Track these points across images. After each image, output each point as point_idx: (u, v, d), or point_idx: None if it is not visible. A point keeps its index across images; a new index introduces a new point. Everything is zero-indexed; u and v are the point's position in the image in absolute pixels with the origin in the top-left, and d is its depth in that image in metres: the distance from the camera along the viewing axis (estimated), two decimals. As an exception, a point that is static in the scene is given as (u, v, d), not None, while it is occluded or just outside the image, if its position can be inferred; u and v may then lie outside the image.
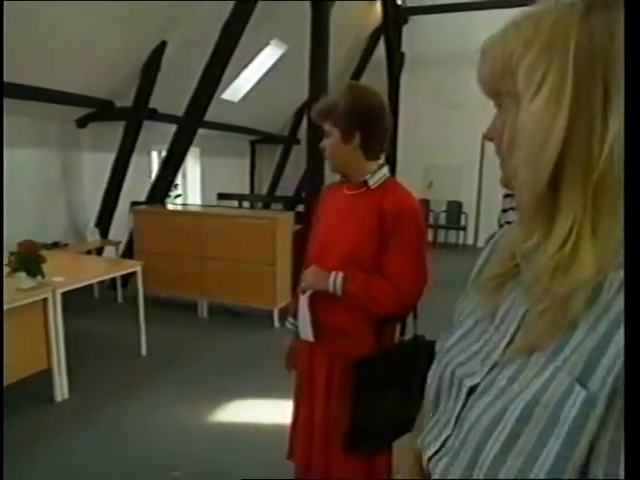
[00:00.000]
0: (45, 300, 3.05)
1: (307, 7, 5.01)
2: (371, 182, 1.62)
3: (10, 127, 4.93)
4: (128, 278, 5.26)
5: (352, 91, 1.60)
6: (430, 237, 8.97)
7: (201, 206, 7.08)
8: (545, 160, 0.53)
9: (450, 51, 8.41)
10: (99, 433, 2.86)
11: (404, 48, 8.92)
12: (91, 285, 5.15)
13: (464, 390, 0.63)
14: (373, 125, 1.60)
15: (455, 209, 9.31)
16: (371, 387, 1.55)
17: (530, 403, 0.52)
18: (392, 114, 1.72)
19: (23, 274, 2.97)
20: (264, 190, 10.08)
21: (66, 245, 5.17)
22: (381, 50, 8.62)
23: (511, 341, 0.60)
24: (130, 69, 5.31)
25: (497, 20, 0.67)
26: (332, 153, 1.63)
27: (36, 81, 4.65)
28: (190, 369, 3.75)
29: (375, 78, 8.57)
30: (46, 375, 3.13)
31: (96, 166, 5.87)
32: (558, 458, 0.49)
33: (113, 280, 5.34)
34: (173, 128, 5.71)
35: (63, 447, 2.70)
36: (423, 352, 1.54)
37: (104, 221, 5.74)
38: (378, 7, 7.99)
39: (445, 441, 0.65)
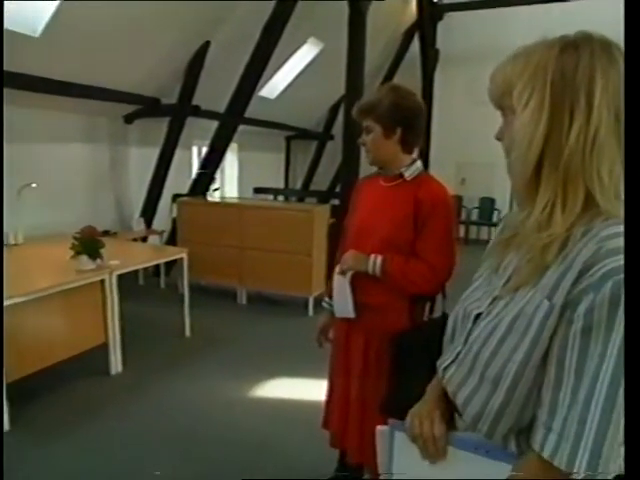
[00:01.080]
0: (103, 281, 3.33)
1: (344, 5, 5.17)
2: (407, 174, 1.79)
3: (63, 123, 5.29)
4: (171, 266, 5.58)
5: (395, 91, 1.77)
6: (462, 233, 9.04)
7: (241, 198, 7.34)
8: (530, 157, 0.76)
9: (484, 48, 8.42)
10: (149, 404, 3.12)
11: (439, 45, 8.99)
12: (136, 272, 5.48)
13: (471, 317, 0.88)
14: (412, 122, 1.78)
15: (488, 205, 9.34)
16: (407, 357, 1.70)
17: (515, 317, 0.79)
18: (426, 111, 1.90)
19: (85, 257, 3.25)
20: (298, 185, 10.31)
21: (115, 233, 5.50)
22: (416, 47, 8.71)
23: (507, 282, 0.84)
24: (175, 68, 5.60)
25: (530, 16, 0.93)
26: (373, 147, 1.79)
27: (87, 80, 4.97)
28: (230, 350, 3.99)
29: (409, 75, 8.69)
30: (102, 351, 3.41)
31: (142, 160, 6.21)
32: (528, 349, 0.75)
33: (157, 268, 5.66)
34: (214, 124, 5.99)
35: (117, 415, 2.97)
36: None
37: (149, 212, 6.06)
38: (413, 4, 8.10)
39: (457, 355, 0.90)
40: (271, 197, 8.00)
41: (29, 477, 2.39)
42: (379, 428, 1.03)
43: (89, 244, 3.27)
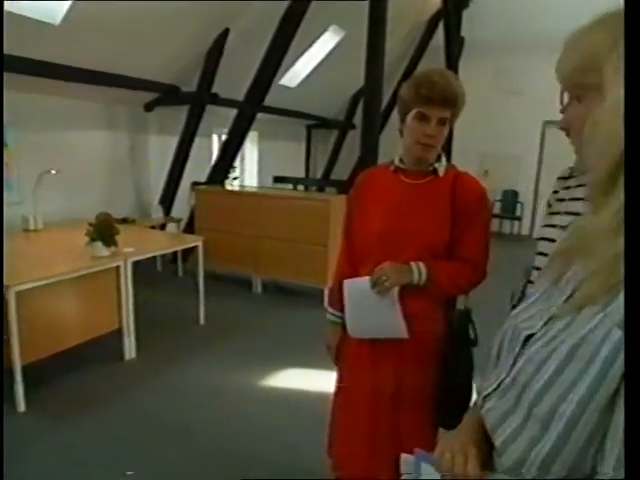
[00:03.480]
0: (118, 268, 3.36)
1: (366, -7, 5.09)
2: (440, 170, 1.63)
3: (83, 110, 5.35)
4: (188, 254, 5.62)
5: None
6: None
7: (258, 187, 7.34)
8: (620, 150, 0.60)
9: (511, 36, 8.23)
10: (162, 391, 3.15)
11: (463, 33, 8.80)
12: (154, 259, 5.54)
13: (521, 339, 0.73)
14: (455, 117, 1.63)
15: (511, 198, 9.17)
16: (452, 359, 1.62)
17: (576, 344, 0.62)
18: None
19: (99, 243, 3.28)
20: (318, 174, 10.27)
21: (134, 221, 5.55)
22: (440, 35, 8.54)
23: (568, 298, 0.69)
24: (195, 56, 5.59)
25: (557, 4, 0.80)
26: (440, 143, 1.60)
27: (107, 67, 4.99)
28: (244, 338, 4.01)
29: (433, 64, 8.51)
30: (116, 337, 3.46)
31: (161, 148, 6.24)
32: (592, 386, 0.59)
33: (175, 255, 5.71)
34: (233, 112, 5.98)
35: (129, 400, 3.01)
36: (474, 325, 1.67)
37: (167, 199, 6.11)
38: (438, -9, 7.92)
39: (500, 383, 0.75)
40: (290, 186, 7.98)
41: (42, 458, 2.43)
42: (404, 456, 0.90)
43: (104, 231, 3.30)
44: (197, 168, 6.44)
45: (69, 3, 4.11)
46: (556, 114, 0.79)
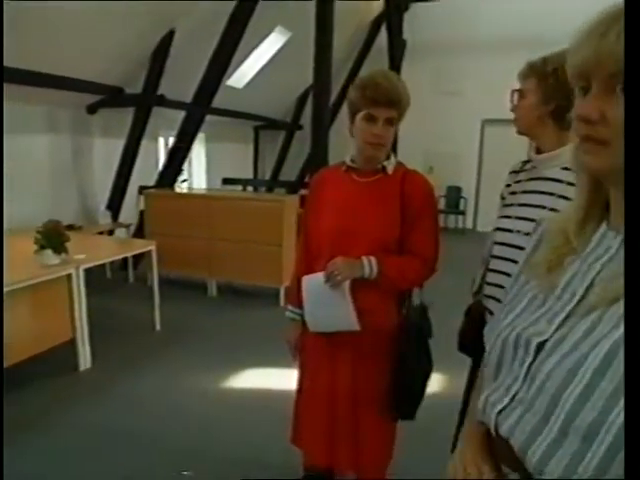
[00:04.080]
0: (69, 276, 3.26)
1: (311, -5, 5.16)
2: (389, 168, 1.69)
3: (23, 113, 5.12)
4: (139, 259, 5.50)
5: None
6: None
7: (210, 190, 7.27)
8: None
9: (450, 38, 8.55)
10: (120, 399, 3.09)
11: (405, 35, 9.05)
12: (103, 266, 5.38)
13: (533, 347, 0.67)
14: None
15: (454, 194, 9.51)
16: (407, 352, 1.69)
17: (610, 352, 0.57)
18: None
19: (49, 251, 3.18)
20: (267, 175, 10.26)
21: (80, 227, 5.37)
22: (383, 37, 8.75)
23: (581, 300, 0.66)
24: (140, 57, 5.48)
25: (496, 6, 0.81)
26: (390, 142, 1.66)
27: (48, 68, 4.82)
28: (201, 342, 3.98)
29: (377, 65, 8.72)
30: (70, 346, 3.36)
31: (106, 151, 6.07)
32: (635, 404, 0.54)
33: (124, 261, 5.57)
34: (180, 114, 5.89)
35: (87, 411, 2.94)
36: (428, 318, 1.75)
37: (115, 204, 5.95)
38: (380, -6, 8.12)
39: (514, 396, 0.69)
40: (240, 188, 7.95)
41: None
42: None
43: (53, 238, 3.20)
44: (144, 172, 6.31)
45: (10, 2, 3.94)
46: (494, 113, 0.84)
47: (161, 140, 7.36)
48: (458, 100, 8.86)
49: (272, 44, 7.18)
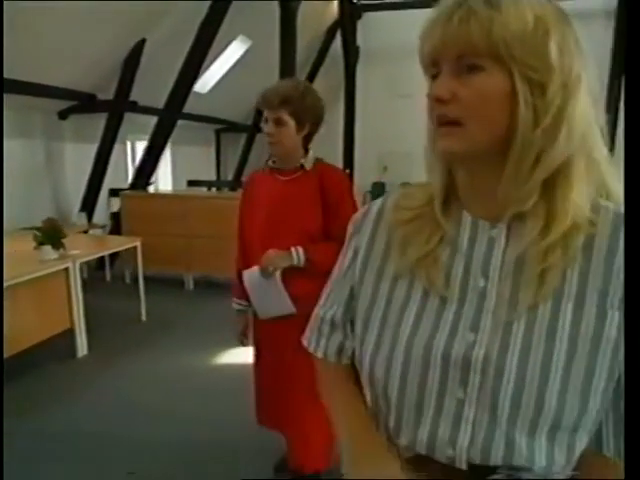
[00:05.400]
0: (67, 269, 3.54)
1: (272, 5, 5.57)
2: (307, 165, 1.86)
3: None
4: (114, 259, 5.74)
5: (312, 91, 1.85)
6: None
7: (176, 191, 7.53)
8: None
9: (399, 45, 9.08)
10: (117, 381, 3.38)
11: (359, 42, 9.57)
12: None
13: (477, 363, 0.63)
14: (320, 123, 1.87)
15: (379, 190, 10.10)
16: None
17: (571, 340, 0.61)
18: (350, 104, 2.09)
19: (48, 247, 3.45)
20: (229, 177, 10.55)
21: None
22: (338, 44, 9.24)
23: (498, 302, 0.65)
24: (112, 64, 5.72)
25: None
26: (285, 140, 1.78)
27: (20, 75, 4.98)
28: (185, 329, 4.32)
29: (333, 70, 9.22)
30: (69, 335, 3.63)
31: (78, 156, 6.25)
32: (608, 377, 0.62)
33: (101, 261, 5.79)
34: (147, 119, 6.16)
35: (87, 393, 3.23)
36: None
37: (88, 206, 6.14)
38: (335, 3, 8.61)
39: (474, 421, 0.64)
40: (204, 189, 8.24)
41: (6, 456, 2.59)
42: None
43: (52, 235, 3.47)
44: (113, 175, 6.52)
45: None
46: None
47: (128, 144, 7.56)
48: (410, 102, 9.44)
49: (234, 51, 7.53)
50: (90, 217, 6.15)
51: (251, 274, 1.91)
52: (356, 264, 0.79)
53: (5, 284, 3.05)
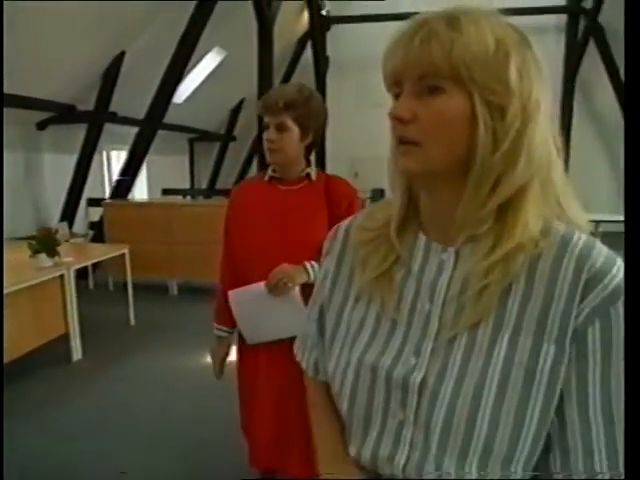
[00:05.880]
0: (62, 276, 3.66)
1: (246, 18, 5.81)
2: (313, 175, 1.73)
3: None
4: (96, 267, 5.82)
5: (317, 97, 1.72)
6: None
7: (152, 199, 7.64)
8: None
9: (367, 56, 9.46)
10: (111, 383, 3.50)
11: (329, 52, 9.89)
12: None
13: (414, 386, 0.64)
14: (323, 131, 1.75)
15: (379, 196, 10.42)
16: None
17: (504, 369, 0.60)
18: None
19: (43, 255, 3.56)
20: (203, 185, 10.68)
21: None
22: (308, 54, 9.55)
23: (440, 326, 0.65)
24: (91, 76, 5.84)
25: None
26: (288, 147, 1.64)
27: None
28: (173, 332, 4.47)
29: (304, 79, 9.47)
30: (63, 341, 3.73)
31: (56, 166, 6.32)
32: (543, 409, 0.60)
33: (84, 270, 5.84)
34: (124, 129, 6.28)
35: (83, 396, 3.32)
36: None
37: (68, 216, 6.21)
38: (305, 15, 8.91)
39: (411, 442, 0.66)
40: (179, 197, 8.36)
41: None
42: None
43: (47, 243, 3.58)
44: (90, 185, 6.59)
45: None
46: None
47: (104, 154, 7.63)
48: (380, 111, 9.74)
49: (210, 62, 7.72)
50: (70, 226, 6.21)
51: (248, 293, 1.71)
52: (326, 285, 0.80)
53: (5, 291, 3.16)
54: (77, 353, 3.82)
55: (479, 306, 0.62)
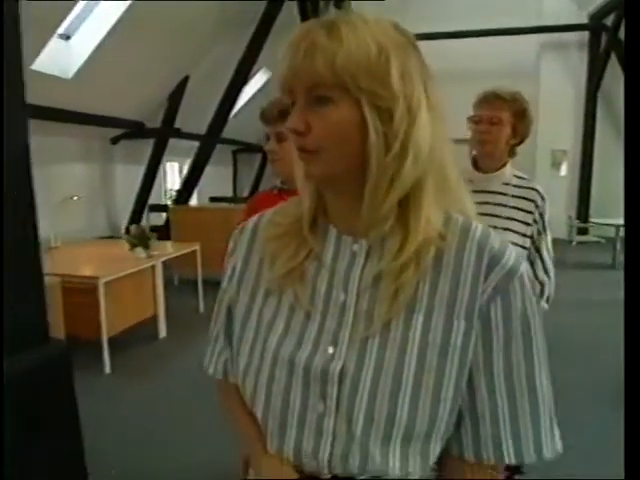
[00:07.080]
0: (153, 266, 4.40)
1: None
2: None
3: (60, 146, 6.18)
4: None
5: None
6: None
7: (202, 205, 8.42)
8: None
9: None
10: (193, 358, 4.10)
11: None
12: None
13: (334, 376, 0.65)
14: None
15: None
16: None
17: (420, 350, 0.64)
18: None
19: (140, 249, 4.31)
20: (245, 194, 11.48)
21: (119, 237, 6.42)
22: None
23: (356, 315, 0.67)
24: (159, 98, 6.68)
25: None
26: (288, 156, 1.48)
27: (82, 107, 5.86)
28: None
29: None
30: (151, 321, 4.46)
31: (126, 176, 7.17)
32: (456, 384, 0.65)
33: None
34: (182, 142, 7.06)
35: (168, 369, 4.02)
36: None
37: (136, 220, 7.02)
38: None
39: (334, 432, 0.66)
40: (226, 204, 9.13)
41: (123, 411, 3.45)
42: None
43: (143, 238, 4.33)
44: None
45: (83, 61, 5.06)
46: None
47: (167, 165, 8.49)
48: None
49: (257, 82, 8.54)
50: (138, 229, 7.03)
51: None
52: (232, 283, 0.79)
53: (123, 273, 3.92)
54: (162, 332, 4.55)
55: (394, 305, 0.64)
